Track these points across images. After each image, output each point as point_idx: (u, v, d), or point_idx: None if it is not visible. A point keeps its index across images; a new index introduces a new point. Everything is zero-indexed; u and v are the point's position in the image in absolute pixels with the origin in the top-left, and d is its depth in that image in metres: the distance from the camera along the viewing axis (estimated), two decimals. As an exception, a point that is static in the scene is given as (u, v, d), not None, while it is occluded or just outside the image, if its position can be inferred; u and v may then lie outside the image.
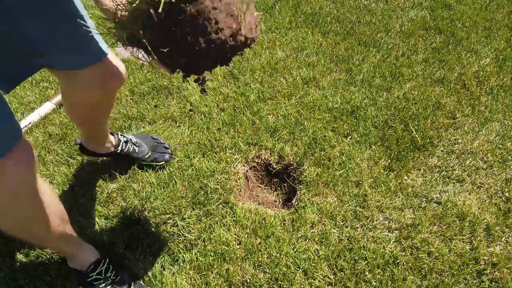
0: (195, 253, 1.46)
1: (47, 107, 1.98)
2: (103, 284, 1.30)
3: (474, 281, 1.41)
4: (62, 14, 0.97)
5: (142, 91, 2.10)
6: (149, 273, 1.41)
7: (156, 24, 0.66)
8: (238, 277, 1.41)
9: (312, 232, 1.52)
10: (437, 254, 1.47)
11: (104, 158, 1.75)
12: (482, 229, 1.55)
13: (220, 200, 1.61)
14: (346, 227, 1.55)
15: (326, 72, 2.23)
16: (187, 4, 0.64)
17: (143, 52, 0.73)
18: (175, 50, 0.68)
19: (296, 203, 1.64)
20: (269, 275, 1.41)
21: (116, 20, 0.71)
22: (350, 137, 1.89)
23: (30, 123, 1.90)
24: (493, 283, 1.41)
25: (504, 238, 1.53)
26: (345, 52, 2.37)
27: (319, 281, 1.40)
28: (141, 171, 1.71)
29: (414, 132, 1.91)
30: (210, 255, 1.46)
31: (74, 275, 1.36)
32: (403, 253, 1.48)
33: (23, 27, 0.91)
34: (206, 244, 1.49)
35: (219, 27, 0.66)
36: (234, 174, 1.72)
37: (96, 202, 1.61)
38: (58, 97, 2.02)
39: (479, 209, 1.62)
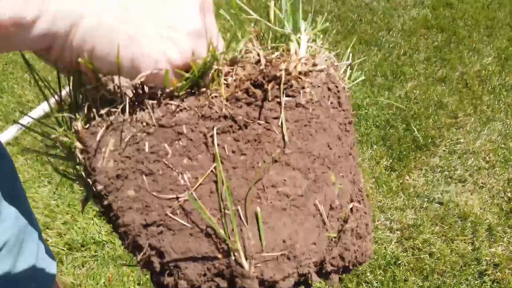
0: (195, 254, 1.45)
1: (46, 106, 1.97)
2: None
3: (476, 282, 1.40)
4: None
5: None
6: (149, 273, 1.40)
7: None
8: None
9: (312, 233, 1.51)
10: (439, 255, 1.46)
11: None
12: (484, 230, 1.54)
13: (220, 200, 1.60)
14: (347, 227, 1.54)
15: (327, 71, 2.22)
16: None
17: None
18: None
19: (296, 203, 1.62)
20: (269, 276, 1.40)
21: None
22: (351, 136, 1.88)
23: (28, 122, 1.89)
24: (495, 284, 1.40)
25: (506, 238, 1.52)
26: (346, 51, 2.35)
27: (320, 281, 1.39)
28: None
29: (416, 132, 1.89)
30: (210, 255, 1.45)
31: None
32: (405, 254, 1.47)
33: None
34: (206, 244, 1.48)
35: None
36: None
37: (95, 202, 1.60)
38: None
39: (481, 209, 1.61)
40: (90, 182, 0.31)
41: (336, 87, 0.35)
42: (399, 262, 1.44)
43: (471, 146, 1.85)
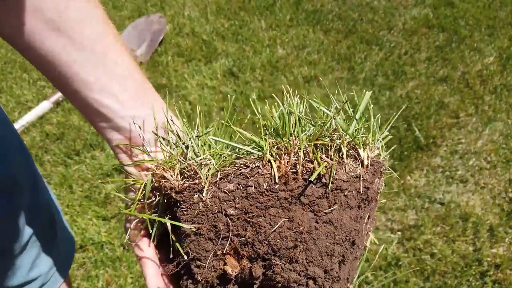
0: (195, 255, 1.44)
1: (44, 106, 1.96)
2: None
3: (477, 283, 1.39)
4: None
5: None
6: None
7: None
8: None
9: (313, 233, 1.50)
10: (440, 256, 1.45)
11: (101, 158, 1.73)
12: (486, 230, 1.53)
13: (220, 201, 1.59)
14: (348, 228, 1.53)
15: (327, 71, 2.20)
16: None
17: None
18: None
19: (297, 203, 1.61)
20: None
21: None
22: (351, 136, 1.86)
23: (27, 122, 1.88)
24: (496, 285, 1.39)
25: (507, 239, 1.51)
26: (347, 50, 2.34)
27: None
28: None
29: (417, 132, 1.88)
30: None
31: None
32: (406, 255, 1.46)
33: None
34: (205, 245, 1.47)
35: None
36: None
37: (94, 202, 1.59)
38: (56, 96, 2.00)
39: (482, 209, 1.60)
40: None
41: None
42: (400, 263, 1.43)
43: (473, 146, 1.83)
